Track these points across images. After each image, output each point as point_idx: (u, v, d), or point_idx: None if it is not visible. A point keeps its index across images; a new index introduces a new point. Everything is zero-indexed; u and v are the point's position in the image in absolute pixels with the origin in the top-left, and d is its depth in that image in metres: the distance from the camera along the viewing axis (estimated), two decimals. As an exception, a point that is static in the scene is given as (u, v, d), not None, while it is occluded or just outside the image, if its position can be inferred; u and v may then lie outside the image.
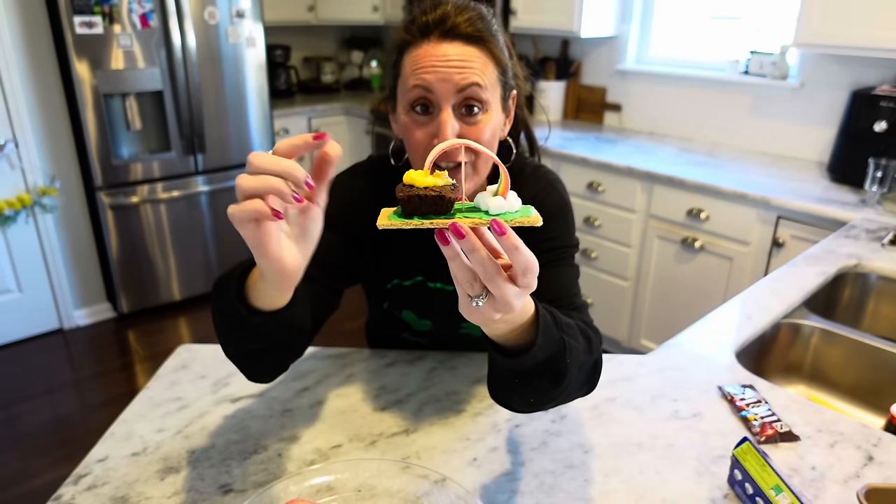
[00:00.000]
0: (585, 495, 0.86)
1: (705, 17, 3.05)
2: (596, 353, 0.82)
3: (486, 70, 0.86)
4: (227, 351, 0.82)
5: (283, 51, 4.13)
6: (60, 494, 0.85)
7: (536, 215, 0.58)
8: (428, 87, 0.83)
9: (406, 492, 0.83)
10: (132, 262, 3.24)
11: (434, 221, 0.57)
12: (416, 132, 0.86)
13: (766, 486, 0.78)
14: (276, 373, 0.87)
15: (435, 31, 0.84)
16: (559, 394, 0.73)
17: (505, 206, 0.58)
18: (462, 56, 0.84)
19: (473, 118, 0.86)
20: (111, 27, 2.85)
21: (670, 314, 2.66)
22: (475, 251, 0.56)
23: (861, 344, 1.35)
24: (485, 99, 0.85)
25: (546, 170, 1.05)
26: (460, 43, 0.84)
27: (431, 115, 0.85)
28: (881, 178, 2.13)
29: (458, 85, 0.83)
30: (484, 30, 0.86)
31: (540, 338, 0.66)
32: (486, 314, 0.60)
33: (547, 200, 1.00)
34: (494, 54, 0.87)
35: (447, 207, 0.58)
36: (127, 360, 3.06)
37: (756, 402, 1.05)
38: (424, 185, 0.57)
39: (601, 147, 2.91)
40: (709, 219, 2.42)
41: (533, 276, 0.59)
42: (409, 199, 0.57)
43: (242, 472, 0.89)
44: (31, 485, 2.23)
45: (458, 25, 0.84)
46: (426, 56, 0.84)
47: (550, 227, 0.97)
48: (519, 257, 0.57)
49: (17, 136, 2.87)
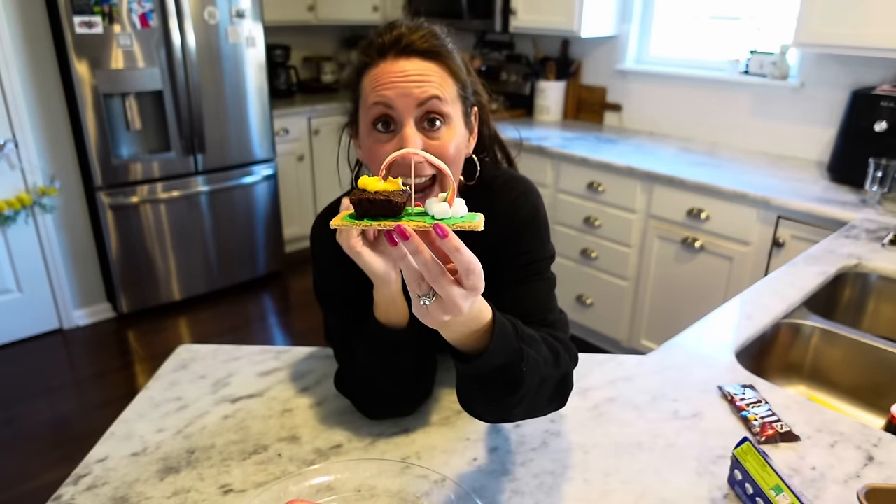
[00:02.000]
0: (585, 495, 0.86)
1: (705, 17, 3.05)
2: (564, 368, 0.84)
3: (444, 84, 0.86)
4: (380, 398, 0.98)
5: (283, 51, 4.13)
6: (60, 494, 0.85)
7: (479, 221, 0.63)
8: (388, 104, 0.83)
9: (406, 492, 0.83)
10: (132, 263, 3.24)
11: (382, 224, 0.62)
12: (380, 150, 0.85)
13: (767, 486, 0.78)
14: (427, 392, 1.03)
15: (391, 50, 0.85)
16: (517, 402, 0.76)
17: (449, 211, 0.62)
18: (420, 70, 0.84)
19: (436, 132, 0.85)
20: (111, 27, 2.85)
21: (670, 314, 2.66)
22: (419, 253, 0.60)
23: (861, 344, 1.35)
24: (446, 112, 0.85)
25: (519, 180, 1.03)
26: (417, 59, 0.85)
27: (394, 131, 0.85)
28: (881, 178, 2.13)
29: (419, 98, 0.83)
30: (439, 46, 0.87)
31: (493, 344, 0.70)
32: (435, 315, 0.64)
33: (519, 213, 0.98)
34: (452, 69, 0.88)
35: (396, 211, 0.63)
36: (127, 360, 3.06)
37: (756, 402, 1.05)
38: (375, 189, 0.63)
39: (601, 147, 2.91)
40: (709, 219, 2.42)
41: (477, 278, 0.62)
42: (360, 201, 0.63)
43: (242, 472, 0.89)
44: (31, 485, 2.23)
45: (414, 42, 0.85)
46: (384, 74, 0.84)
47: (522, 239, 0.97)
48: (461, 258, 0.61)
49: (17, 135, 2.87)
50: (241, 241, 3.62)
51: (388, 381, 0.94)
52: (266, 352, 1.20)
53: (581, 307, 3.00)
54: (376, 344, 0.90)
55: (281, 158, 3.76)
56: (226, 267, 3.60)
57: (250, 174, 3.53)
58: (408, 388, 0.98)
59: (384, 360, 0.91)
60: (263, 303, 3.63)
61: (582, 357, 1.19)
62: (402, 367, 0.93)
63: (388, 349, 0.91)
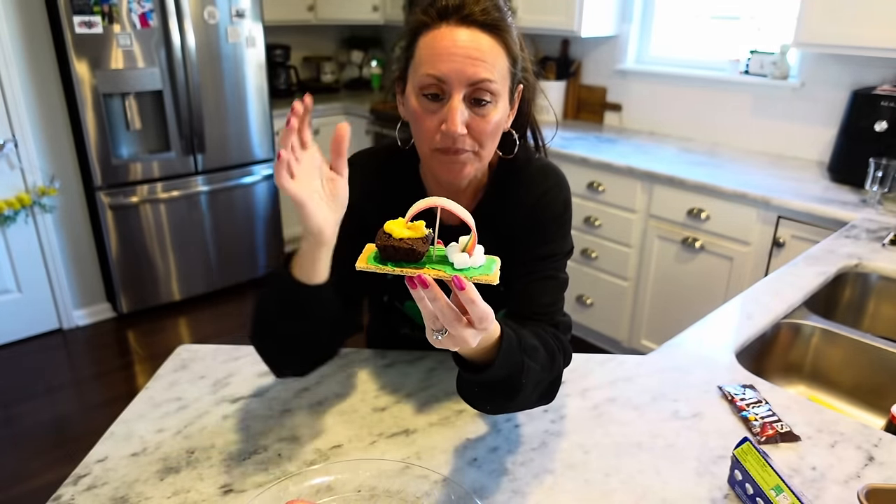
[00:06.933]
0: (585, 495, 0.86)
1: (705, 17, 3.05)
2: (556, 372, 0.89)
3: (497, 62, 0.86)
4: (264, 343, 0.89)
5: (283, 50, 4.13)
6: (60, 494, 0.85)
7: (495, 273, 0.67)
8: (441, 78, 0.84)
9: (406, 492, 0.83)
10: (132, 262, 3.24)
11: (405, 270, 0.67)
12: (426, 119, 0.87)
13: (767, 486, 0.78)
14: (311, 363, 0.94)
15: (453, 16, 0.85)
16: (513, 406, 0.86)
17: (468, 262, 0.67)
18: (476, 46, 0.84)
19: (482, 109, 0.86)
20: (111, 27, 2.85)
21: (670, 314, 2.66)
22: (437, 300, 0.65)
23: (861, 344, 1.35)
24: (494, 90, 0.86)
25: (551, 170, 1.03)
26: (476, 30, 0.85)
27: (441, 101, 0.86)
28: (881, 177, 2.13)
29: (471, 79, 0.84)
30: (500, 20, 0.87)
31: (499, 359, 0.75)
32: (446, 345, 0.69)
33: (551, 204, 0.99)
34: (507, 45, 0.88)
35: (418, 258, 0.67)
36: (127, 360, 3.05)
37: (756, 402, 1.05)
38: (400, 236, 0.67)
39: (601, 147, 2.91)
40: (709, 219, 2.42)
41: (489, 322, 0.67)
42: (385, 248, 0.67)
43: (242, 472, 0.89)
44: (31, 485, 2.23)
45: (475, 13, 0.85)
46: (442, 41, 0.85)
47: (546, 232, 0.97)
48: (475, 309, 0.65)
49: (17, 135, 2.87)
50: (241, 241, 3.62)
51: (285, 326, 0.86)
52: (266, 352, 1.20)
53: (581, 307, 3.00)
54: (284, 294, 0.84)
55: (281, 158, 3.75)
56: (226, 267, 3.60)
57: (250, 174, 3.53)
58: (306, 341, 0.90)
59: (284, 307, 0.85)
60: (263, 303, 3.62)
61: (582, 357, 1.19)
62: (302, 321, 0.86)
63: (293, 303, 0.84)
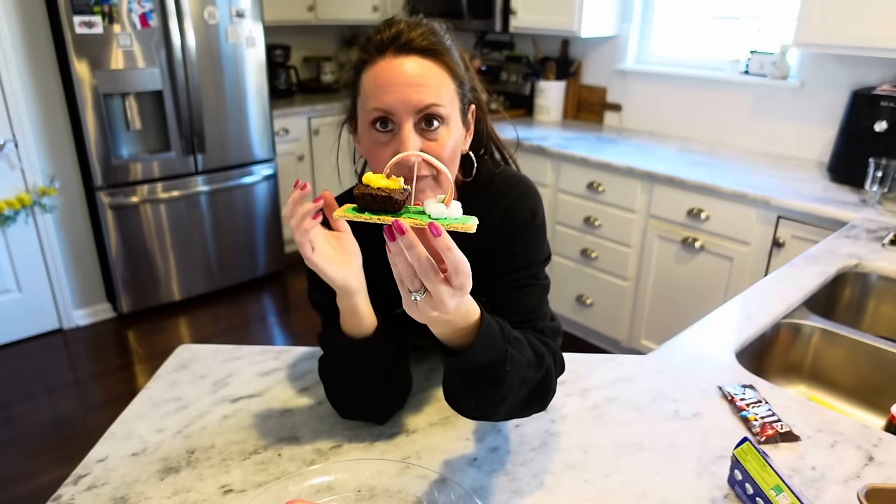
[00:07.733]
0: (585, 495, 0.86)
1: (705, 17, 3.05)
2: (546, 371, 0.86)
3: (442, 85, 0.86)
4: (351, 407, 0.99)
5: (283, 51, 4.13)
6: (60, 494, 0.85)
7: (472, 224, 0.67)
8: (388, 110, 0.84)
9: (406, 492, 0.83)
10: (132, 262, 3.24)
11: (381, 217, 0.67)
12: (380, 152, 0.86)
13: (767, 486, 0.78)
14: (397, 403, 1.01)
15: (390, 46, 0.85)
16: (499, 400, 0.80)
17: (445, 212, 0.67)
18: (418, 73, 0.84)
19: (433, 132, 0.85)
20: (111, 27, 2.85)
21: (670, 314, 2.66)
22: (413, 248, 0.64)
23: (861, 344, 1.35)
24: (444, 114, 0.86)
25: (517, 179, 1.02)
26: (416, 56, 0.85)
27: (392, 131, 0.85)
28: (881, 177, 2.13)
29: (416, 106, 0.83)
30: (438, 43, 0.87)
31: (479, 341, 0.74)
32: (424, 310, 0.68)
33: (517, 215, 0.97)
34: (450, 67, 0.88)
35: (396, 207, 0.67)
36: (127, 360, 3.06)
37: (756, 402, 1.05)
38: (378, 185, 0.68)
39: (601, 147, 2.91)
40: (709, 219, 2.42)
41: (464, 277, 0.66)
42: (363, 196, 0.68)
43: (242, 472, 0.89)
44: (31, 485, 2.23)
45: (413, 40, 0.85)
46: (383, 73, 0.84)
47: (519, 242, 0.96)
48: (451, 257, 0.65)
49: (17, 135, 2.87)
50: (241, 241, 3.62)
51: (350, 390, 0.96)
52: (266, 352, 1.20)
53: (581, 307, 3.00)
54: (337, 356, 0.94)
55: (281, 158, 3.76)
56: (226, 267, 3.60)
57: (250, 174, 3.53)
58: (372, 399, 0.97)
59: (345, 371, 0.94)
60: (263, 303, 3.63)
61: (582, 357, 1.19)
62: (364, 378, 0.94)
63: (348, 360, 0.92)
